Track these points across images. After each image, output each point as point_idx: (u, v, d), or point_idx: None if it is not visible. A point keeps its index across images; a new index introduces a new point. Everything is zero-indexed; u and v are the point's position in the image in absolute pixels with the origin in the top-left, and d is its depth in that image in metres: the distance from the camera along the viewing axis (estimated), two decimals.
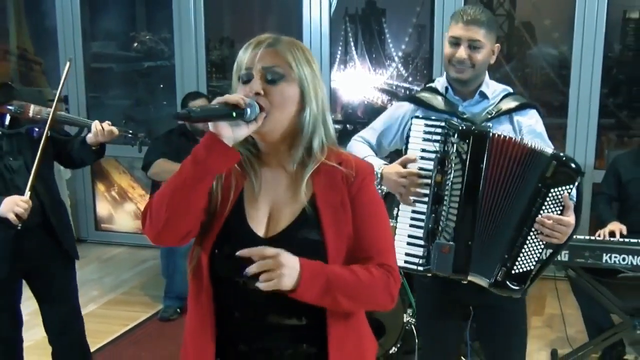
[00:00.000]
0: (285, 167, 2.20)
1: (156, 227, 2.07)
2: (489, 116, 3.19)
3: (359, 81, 8.06)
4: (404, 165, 3.12)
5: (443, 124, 3.07)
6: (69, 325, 4.26)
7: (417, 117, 3.18)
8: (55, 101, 3.79)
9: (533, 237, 2.99)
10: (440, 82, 3.35)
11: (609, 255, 4.51)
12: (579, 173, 2.94)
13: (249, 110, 1.98)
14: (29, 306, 4.19)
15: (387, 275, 2.18)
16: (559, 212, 2.94)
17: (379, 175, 3.16)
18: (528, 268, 3.02)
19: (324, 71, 6.94)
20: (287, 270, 1.98)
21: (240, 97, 1.98)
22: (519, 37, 7.72)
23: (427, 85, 3.47)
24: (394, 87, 8.09)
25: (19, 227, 3.67)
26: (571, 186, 2.94)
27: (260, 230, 2.17)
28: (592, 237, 4.81)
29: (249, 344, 2.19)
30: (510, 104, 3.24)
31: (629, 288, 4.83)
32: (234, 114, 1.96)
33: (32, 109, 3.79)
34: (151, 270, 7.26)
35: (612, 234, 4.89)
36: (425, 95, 3.34)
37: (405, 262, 3.14)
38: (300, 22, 7.37)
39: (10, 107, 3.77)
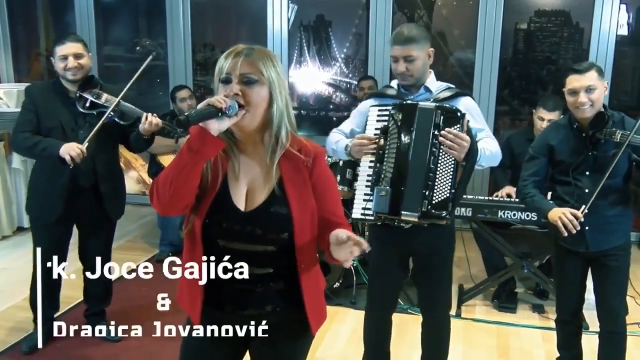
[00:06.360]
0: (259, 154, 2.15)
1: (163, 203, 2.06)
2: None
3: (311, 77, 7.97)
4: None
5: (390, 106, 3.05)
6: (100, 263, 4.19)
7: (373, 105, 3.17)
8: (122, 94, 3.88)
9: (441, 165, 2.94)
10: (394, 83, 3.29)
11: (503, 211, 4.58)
12: (461, 113, 2.94)
13: (230, 109, 1.98)
14: None
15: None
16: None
17: (348, 148, 3.17)
18: (445, 195, 2.94)
19: (284, 69, 6.80)
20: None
21: (222, 101, 1.97)
22: (435, 44, 7.58)
23: (385, 85, 3.44)
24: (338, 82, 8.04)
25: (71, 167, 3.68)
26: (459, 125, 2.91)
27: (241, 205, 2.13)
28: (491, 198, 4.81)
29: (229, 286, 2.16)
30: (446, 93, 3.16)
31: (519, 237, 4.86)
32: (220, 114, 1.97)
33: (105, 97, 3.89)
34: (149, 224, 7.13)
35: (507, 195, 4.84)
36: (382, 89, 3.34)
37: (362, 214, 3.11)
38: (266, 31, 7.29)
39: (91, 93, 3.88)
